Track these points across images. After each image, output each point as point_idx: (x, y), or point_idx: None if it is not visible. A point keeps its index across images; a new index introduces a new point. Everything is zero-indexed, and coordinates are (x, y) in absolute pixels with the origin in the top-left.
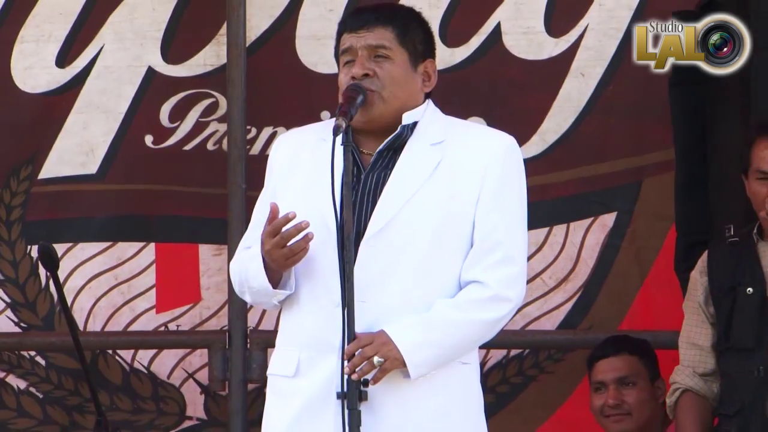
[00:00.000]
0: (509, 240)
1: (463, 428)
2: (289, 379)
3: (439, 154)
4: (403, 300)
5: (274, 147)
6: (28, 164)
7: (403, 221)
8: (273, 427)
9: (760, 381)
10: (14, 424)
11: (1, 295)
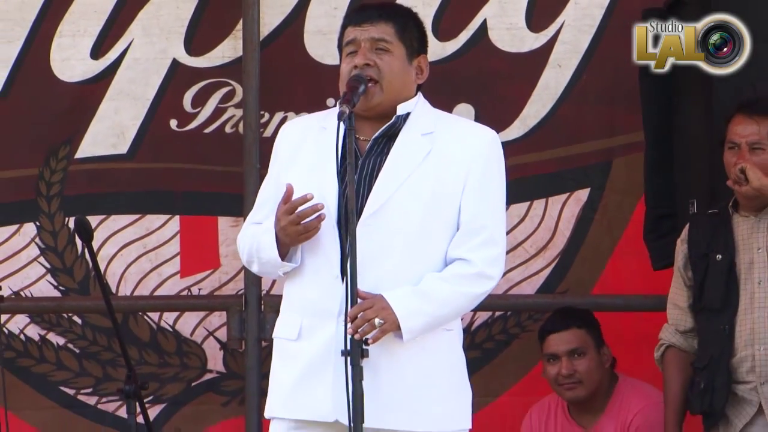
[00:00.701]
0: (492, 224)
1: (449, 383)
2: (293, 341)
3: (430, 144)
4: (395, 274)
5: (280, 133)
6: (66, 145)
7: (396, 203)
8: (279, 385)
9: (725, 338)
10: (54, 376)
11: (42, 262)
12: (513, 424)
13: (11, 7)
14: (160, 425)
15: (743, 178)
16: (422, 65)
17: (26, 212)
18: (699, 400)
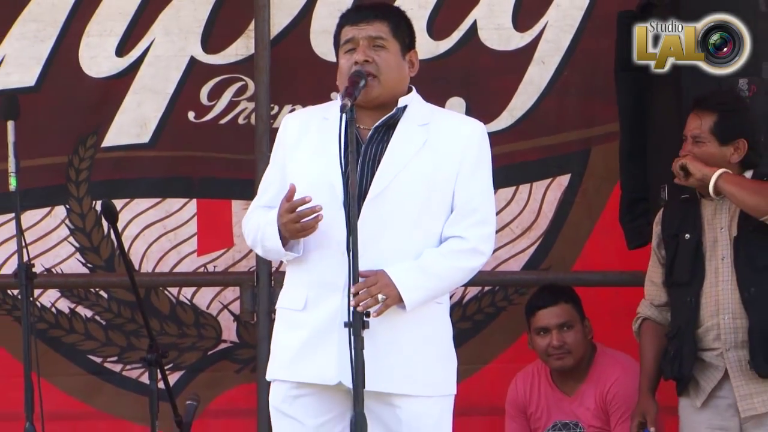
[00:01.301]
0: (484, 206)
1: (438, 352)
2: (299, 312)
3: (425, 134)
4: (396, 249)
5: (282, 125)
6: (93, 135)
7: (397, 186)
8: (282, 350)
9: (692, 309)
10: (82, 346)
11: (72, 242)
12: (500, 389)
13: (44, 9)
14: (179, 391)
15: (682, 174)
16: (413, 59)
17: (57, 196)
18: (669, 367)
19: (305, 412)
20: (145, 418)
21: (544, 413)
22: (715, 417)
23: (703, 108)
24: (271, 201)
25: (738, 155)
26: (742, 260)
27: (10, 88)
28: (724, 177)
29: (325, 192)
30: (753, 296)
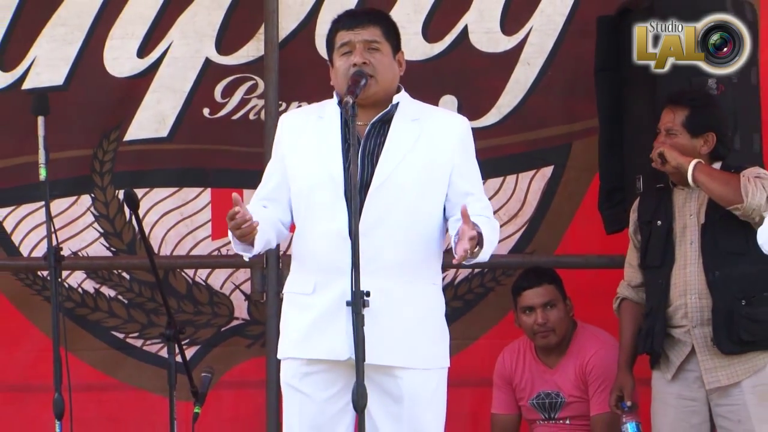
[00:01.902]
0: (480, 191)
1: (434, 329)
2: (308, 295)
3: (419, 128)
4: (396, 234)
5: (279, 124)
6: (116, 130)
7: (397, 178)
8: (293, 331)
9: (662, 289)
10: (106, 323)
11: (96, 227)
12: (489, 362)
13: (71, 14)
14: (194, 364)
15: (659, 162)
16: (401, 60)
17: (83, 186)
18: (642, 342)
19: (315, 386)
20: (164, 389)
21: (529, 384)
22: (684, 389)
23: (676, 103)
24: (270, 193)
25: (707, 147)
26: (708, 245)
27: (40, 86)
28: (698, 166)
29: (327, 184)
30: (717, 279)
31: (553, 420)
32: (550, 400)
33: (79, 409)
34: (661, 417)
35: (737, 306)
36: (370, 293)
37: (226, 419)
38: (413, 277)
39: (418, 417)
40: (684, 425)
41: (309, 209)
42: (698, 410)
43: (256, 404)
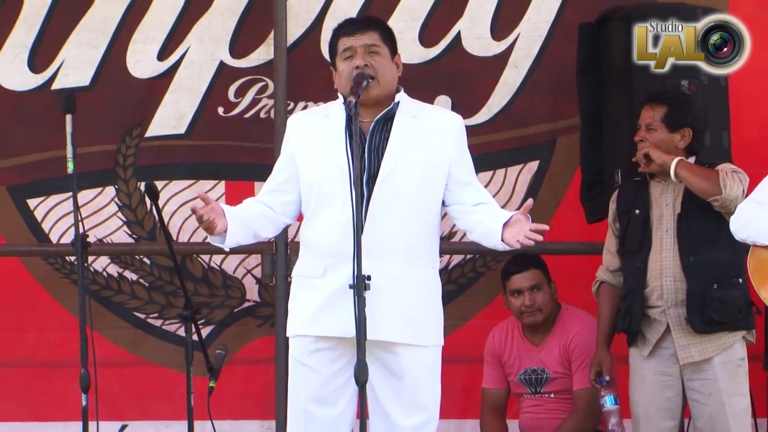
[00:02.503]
0: (477, 182)
1: (432, 309)
2: (318, 278)
3: (418, 124)
4: (400, 221)
5: (290, 123)
6: (138, 127)
7: (401, 170)
8: (303, 311)
9: (640, 272)
10: (129, 304)
11: (120, 216)
12: (480, 341)
13: (96, 20)
14: (209, 342)
15: (645, 161)
16: (398, 62)
17: (107, 178)
18: (621, 322)
19: (322, 361)
20: (182, 365)
21: (516, 361)
22: (660, 364)
23: (655, 101)
24: (278, 185)
25: (684, 142)
26: (683, 233)
27: (68, 87)
28: (680, 163)
29: (336, 176)
30: (691, 264)
31: (539, 394)
32: (536, 376)
33: (104, 383)
34: (638, 391)
35: (709, 289)
36: (376, 276)
37: (239, 393)
38: (415, 261)
39: (417, 389)
40: (659, 398)
41: (319, 200)
42: (672, 384)
43: (266, 379)
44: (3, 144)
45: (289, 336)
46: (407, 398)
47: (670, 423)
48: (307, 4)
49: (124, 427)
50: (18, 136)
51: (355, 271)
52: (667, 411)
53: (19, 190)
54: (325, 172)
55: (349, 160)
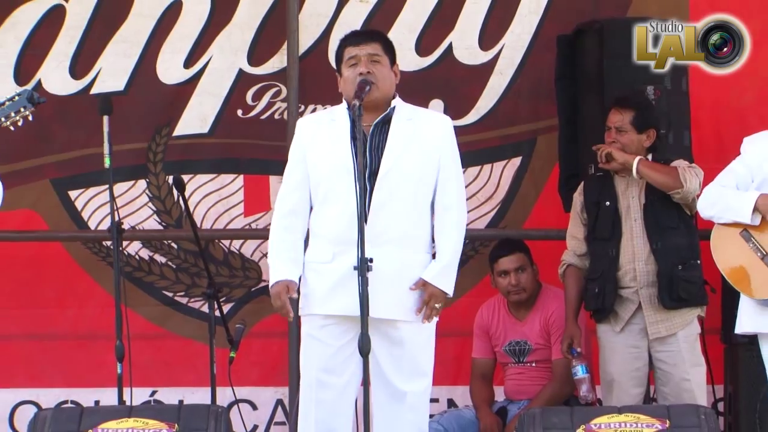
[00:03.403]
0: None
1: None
2: (327, 263)
3: (413, 126)
4: (399, 212)
5: (299, 127)
6: (167, 126)
7: (399, 166)
8: (314, 291)
9: (613, 257)
10: (158, 284)
11: (150, 206)
12: (470, 316)
13: (130, 33)
14: (230, 317)
15: (605, 160)
16: (397, 71)
17: (139, 172)
18: (594, 301)
19: (331, 335)
20: (205, 338)
21: (502, 334)
22: (630, 338)
23: (623, 105)
24: (298, 184)
25: (649, 141)
26: (650, 221)
27: (105, 91)
28: (640, 162)
29: (342, 172)
30: (660, 248)
31: (522, 363)
32: (519, 347)
33: (136, 353)
34: (610, 362)
35: (676, 270)
36: (379, 261)
37: (256, 362)
38: (413, 247)
39: (415, 359)
40: (630, 368)
41: (326, 194)
42: (640, 356)
43: (279, 350)
44: (47, 142)
45: (303, 315)
46: (406, 366)
47: (638, 389)
48: (316, 18)
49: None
50: (60, 135)
51: (359, 255)
52: (636, 379)
53: (62, 183)
54: (332, 170)
55: (354, 159)
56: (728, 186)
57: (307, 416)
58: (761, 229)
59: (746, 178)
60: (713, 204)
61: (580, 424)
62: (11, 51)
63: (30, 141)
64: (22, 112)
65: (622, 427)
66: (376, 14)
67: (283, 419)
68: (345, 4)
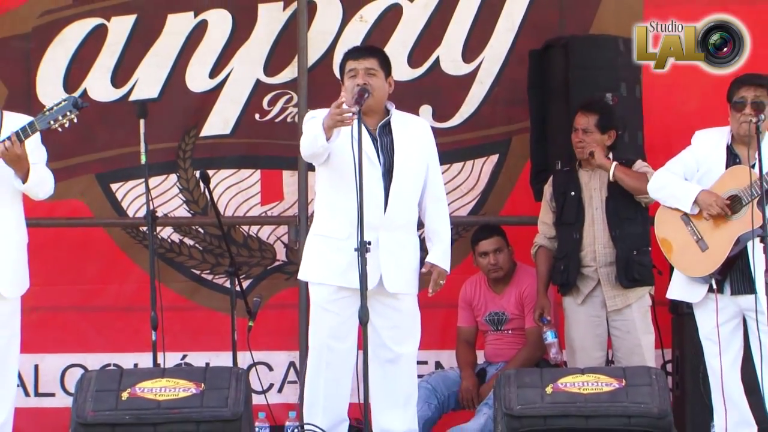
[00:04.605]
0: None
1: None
2: (343, 240)
3: (407, 128)
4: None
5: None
6: (194, 128)
7: (408, 164)
8: (330, 263)
9: (577, 240)
10: (187, 263)
11: (180, 196)
12: (455, 291)
13: (163, 48)
14: (248, 292)
15: (588, 156)
16: (391, 82)
17: (171, 167)
18: (559, 276)
19: (339, 306)
20: (227, 309)
21: (483, 306)
22: (591, 309)
23: (588, 109)
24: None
25: (610, 140)
26: (610, 211)
27: (141, 98)
28: (617, 167)
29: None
30: (618, 235)
31: (500, 331)
32: (497, 317)
33: (168, 323)
34: (574, 329)
35: (631, 255)
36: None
37: (271, 330)
38: (412, 231)
39: (410, 324)
40: (591, 334)
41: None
42: (600, 324)
43: (291, 320)
44: (92, 142)
45: (314, 282)
46: (402, 332)
47: (600, 353)
48: (322, 36)
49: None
50: (103, 136)
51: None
52: (597, 344)
53: (104, 177)
54: (347, 163)
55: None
56: (677, 173)
57: (317, 376)
58: (698, 218)
59: (693, 166)
60: (661, 188)
61: (549, 382)
62: (61, 64)
63: (77, 141)
64: (68, 116)
65: (585, 386)
66: (373, 32)
67: (295, 378)
68: (347, 23)
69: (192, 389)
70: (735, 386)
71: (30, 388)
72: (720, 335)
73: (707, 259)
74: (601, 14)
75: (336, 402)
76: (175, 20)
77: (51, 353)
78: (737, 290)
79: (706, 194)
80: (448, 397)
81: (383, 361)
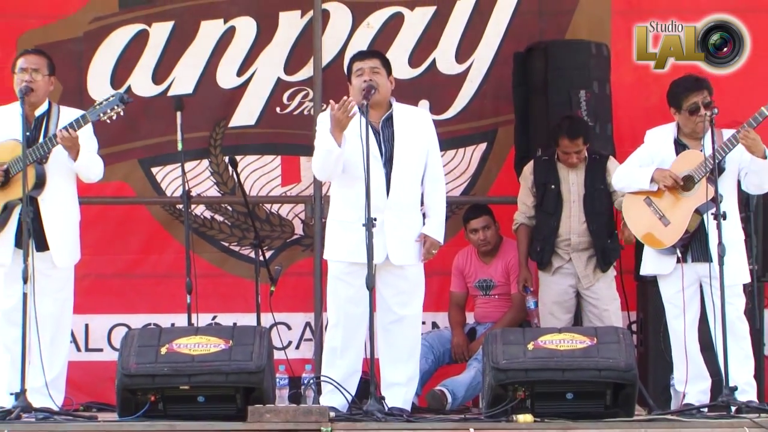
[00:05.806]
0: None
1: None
2: (353, 222)
3: (409, 121)
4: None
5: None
6: (223, 120)
7: (407, 153)
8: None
9: (553, 228)
10: (217, 236)
11: (212, 179)
12: (448, 260)
13: (197, 50)
14: (270, 261)
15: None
16: (392, 80)
17: (203, 153)
18: (535, 255)
19: (353, 278)
20: (252, 276)
21: (473, 273)
22: (561, 280)
23: (575, 136)
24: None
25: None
26: (587, 204)
27: (178, 93)
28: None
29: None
30: (593, 228)
31: (488, 296)
32: (486, 284)
33: (201, 288)
34: (546, 296)
35: (606, 243)
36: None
37: (290, 295)
38: (415, 209)
39: (413, 290)
40: (559, 300)
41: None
42: (568, 290)
43: (307, 286)
44: (135, 131)
45: (331, 259)
46: (405, 297)
47: (567, 315)
48: (335, 40)
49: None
50: (145, 126)
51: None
52: (565, 308)
53: (146, 162)
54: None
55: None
56: (634, 166)
57: (335, 334)
58: (658, 196)
59: (647, 161)
60: (623, 178)
61: (530, 340)
62: (108, 64)
63: (123, 131)
64: (115, 109)
65: (561, 343)
66: (378, 37)
67: (310, 336)
68: (356, 29)
69: (221, 345)
70: (693, 344)
71: (81, 344)
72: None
73: (670, 231)
74: (575, 22)
75: (350, 357)
76: (208, 26)
77: (99, 314)
78: (696, 258)
79: (659, 171)
80: (443, 353)
81: (389, 323)
